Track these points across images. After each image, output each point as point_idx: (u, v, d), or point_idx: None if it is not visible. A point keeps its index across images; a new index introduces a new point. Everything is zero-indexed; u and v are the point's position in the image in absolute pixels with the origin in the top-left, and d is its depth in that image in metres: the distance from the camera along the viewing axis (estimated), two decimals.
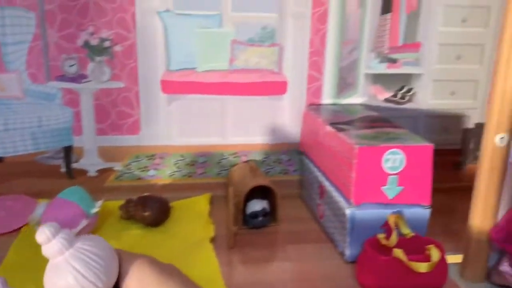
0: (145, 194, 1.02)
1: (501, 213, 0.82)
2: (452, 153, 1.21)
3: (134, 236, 0.96)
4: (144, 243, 0.94)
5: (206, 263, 0.86)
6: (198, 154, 1.14)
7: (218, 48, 1.07)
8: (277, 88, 1.12)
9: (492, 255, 0.83)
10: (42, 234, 0.37)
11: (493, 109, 0.77)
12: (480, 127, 0.81)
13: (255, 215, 0.98)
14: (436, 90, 1.17)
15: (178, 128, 1.11)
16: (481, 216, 0.82)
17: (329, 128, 0.96)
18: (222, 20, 1.05)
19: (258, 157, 1.16)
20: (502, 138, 0.77)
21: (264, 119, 1.14)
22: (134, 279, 0.38)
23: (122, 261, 0.39)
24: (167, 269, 0.40)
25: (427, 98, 1.17)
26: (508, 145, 0.78)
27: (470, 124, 1.21)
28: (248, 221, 0.99)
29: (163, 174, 1.14)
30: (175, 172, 1.14)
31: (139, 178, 1.13)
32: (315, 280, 0.84)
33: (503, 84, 0.75)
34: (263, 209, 0.98)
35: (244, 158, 1.16)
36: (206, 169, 1.15)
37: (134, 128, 1.10)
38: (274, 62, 1.10)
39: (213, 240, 0.96)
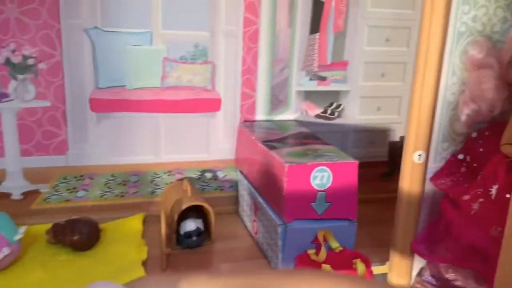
0: (74, 217, 0.98)
1: (421, 225, 0.87)
2: (380, 165, 1.27)
3: (62, 262, 0.92)
4: (73, 268, 0.91)
5: None
6: (130, 173, 1.12)
7: (149, 66, 1.06)
8: (211, 105, 1.12)
9: (416, 265, 0.88)
10: None
11: (410, 129, 0.82)
12: (404, 140, 0.86)
13: (189, 235, 0.97)
14: (363, 106, 1.23)
15: (108, 147, 1.08)
16: (403, 228, 0.86)
17: (261, 146, 0.98)
18: (152, 38, 1.04)
19: (193, 174, 1.16)
20: (419, 155, 0.82)
21: (198, 136, 1.14)
22: None
23: None
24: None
25: (355, 113, 1.23)
26: (425, 162, 0.84)
27: (396, 137, 1.28)
28: (183, 241, 0.98)
29: (93, 195, 1.10)
30: (106, 192, 1.11)
31: (68, 200, 1.09)
32: None
33: (418, 105, 0.80)
34: (197, 229, 0.98)
35: (179, 176, 1.15)
36: (138, 189, 1.13)
37: (61, 148, 1.06)
38: (207, 80, 1.10)
39: (146, 261, 0.94)
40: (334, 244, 0.88)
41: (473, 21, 0.80)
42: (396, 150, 1.26)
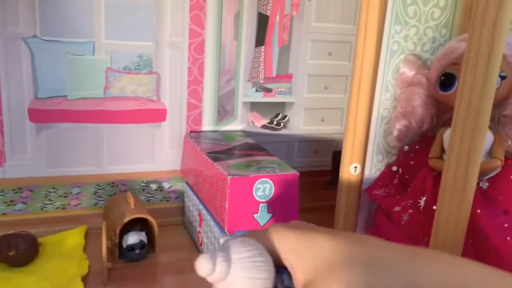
0: (10, 231, 0.94)
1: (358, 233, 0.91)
2: (323, 174, 1.31)
3: None
4: (9, 285, 0.87)
5: None
6: (72, 184, 1.09)
7: (92, 76, 1.04)
8: (156, 115, 1.12)
9: None
10: (203, 269, 0.38)
11: (347, 142, 0.85)
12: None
13: (132, 248, 0.96)
14: (307, 117, 1.26)
15: (48, 158, 1.05)
16: None
17: (206, 157, 0.99)
18: (95, 48, 1.02)
19: (137, 185, 1.15)
20: (355, 167, 0.86)
21: (143, 147, 1.13)
22: (281, 245, 0.39)
23: (262, 240, 0.40)
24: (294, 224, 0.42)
25: (300, 124, 1.26)
26: (361, 174, 0.87)
27: (338, 147, 1.32)
28: (125, 254, 0.97)
29: (32, 208, 1.06)
30: (46, 205, 1.07)
31: (5, 214, 1.05)
32: None
33: (354, 120, 0.84)
34: (140, 242, 0.97)
35: (123, 188, 1.13)
36: (81, 201, 1.10)
37: None
38: (152, 90, 1.10)
39: (87, 276, 0.92)
40: None
41: (405, 40, 0.85)
42: (338, 160, 1.30)
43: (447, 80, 0.76)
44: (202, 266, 0.38)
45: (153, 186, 1.16)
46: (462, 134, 0.61)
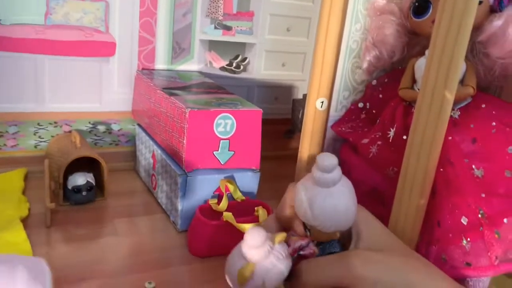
0: None
1: None
2: (283, 122, 1.27)
3: None
4: None
5: (15, 246, 0.74)
6: (8, 123, 0.98)
7: None
8: (104, 49, 1.01)
9: None
10: (330, 161, 0.47)
11: (314, 74, 0.80)
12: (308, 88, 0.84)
13: (78, 189, 0.88)
14: (268, 60, 1.20)
15: None
16: (303, 176, 0.86)
17: (161, 93, 0.91)
18: None
19: (83, 126, 1.05)
20: (322, 102, 0.81)
21: (89, 84, 1.03)
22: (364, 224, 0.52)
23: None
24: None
25: (260, 68, 1.20)
26: (327, 110, 0.83)
27: (299, 95, 1.28)
28: (71, 196, 0.89)
29: None
30: None
31: None
32: (145, 253, 0.79)
33: (322, 53, 0.79)
34: (87, 183, 0.88)
35: (67, 128, 1.03)
36: (19, 141, 0.99)
37: None
38: (99, 19, 0.99)
39: (27, 219, 0.83)
40: (237, 194, 0.85)
41: None
42: (299, 108, 1.26)
43: (420, 6, 0.72)
44: (329, 158, 0.46)
45: (101, 128, 1.07)
46: (441, 56, 0.58)
